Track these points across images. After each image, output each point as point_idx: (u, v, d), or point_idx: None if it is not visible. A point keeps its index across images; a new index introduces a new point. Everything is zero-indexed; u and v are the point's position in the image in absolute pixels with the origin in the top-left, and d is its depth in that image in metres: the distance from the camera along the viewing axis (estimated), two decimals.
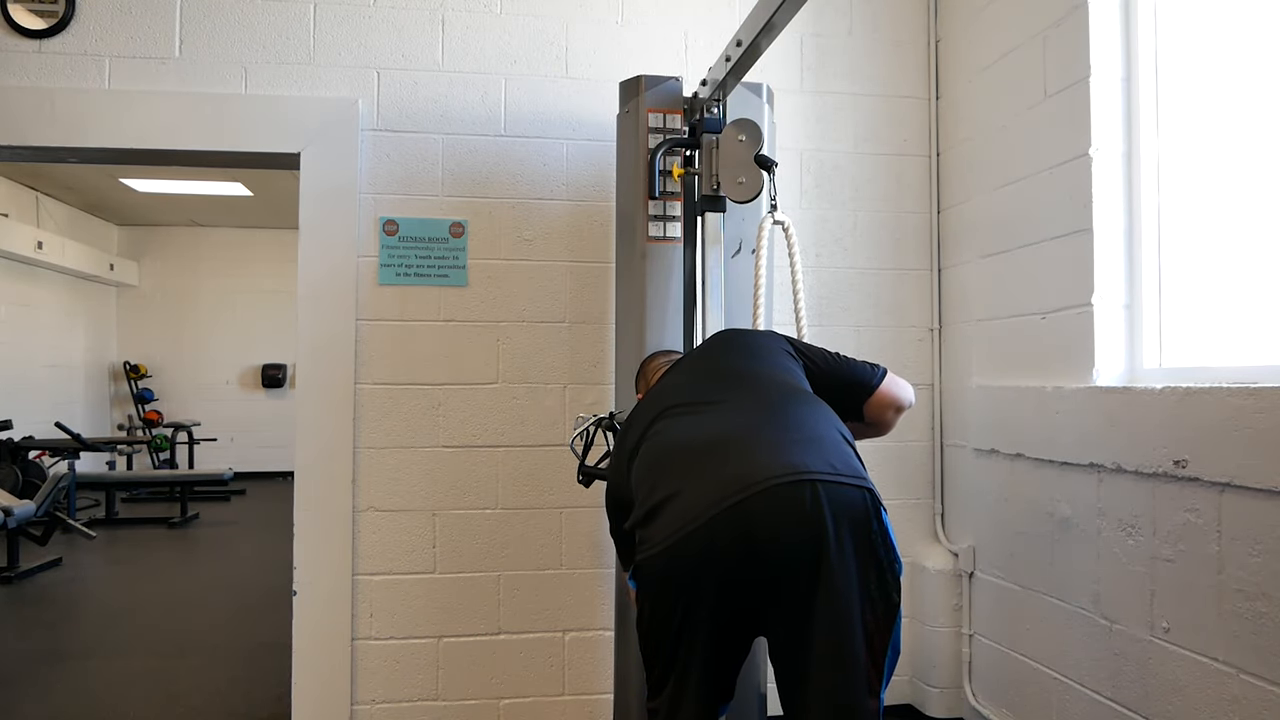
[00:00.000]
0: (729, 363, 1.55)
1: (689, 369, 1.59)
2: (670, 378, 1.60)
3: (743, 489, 1.19)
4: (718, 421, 1.37)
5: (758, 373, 1.50)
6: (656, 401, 1.52)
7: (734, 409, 1.39)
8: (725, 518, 1.19)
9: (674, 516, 1.24)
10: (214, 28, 2.40)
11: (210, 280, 9.49)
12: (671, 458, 1.35)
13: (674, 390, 1.53)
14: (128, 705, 3.08)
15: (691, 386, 1.51)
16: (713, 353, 1.62)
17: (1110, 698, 1.88)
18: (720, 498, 1.20)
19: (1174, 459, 1.67)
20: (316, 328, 2.42)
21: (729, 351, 1.59)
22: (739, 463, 1.24)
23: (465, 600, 2.46)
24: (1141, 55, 1.98)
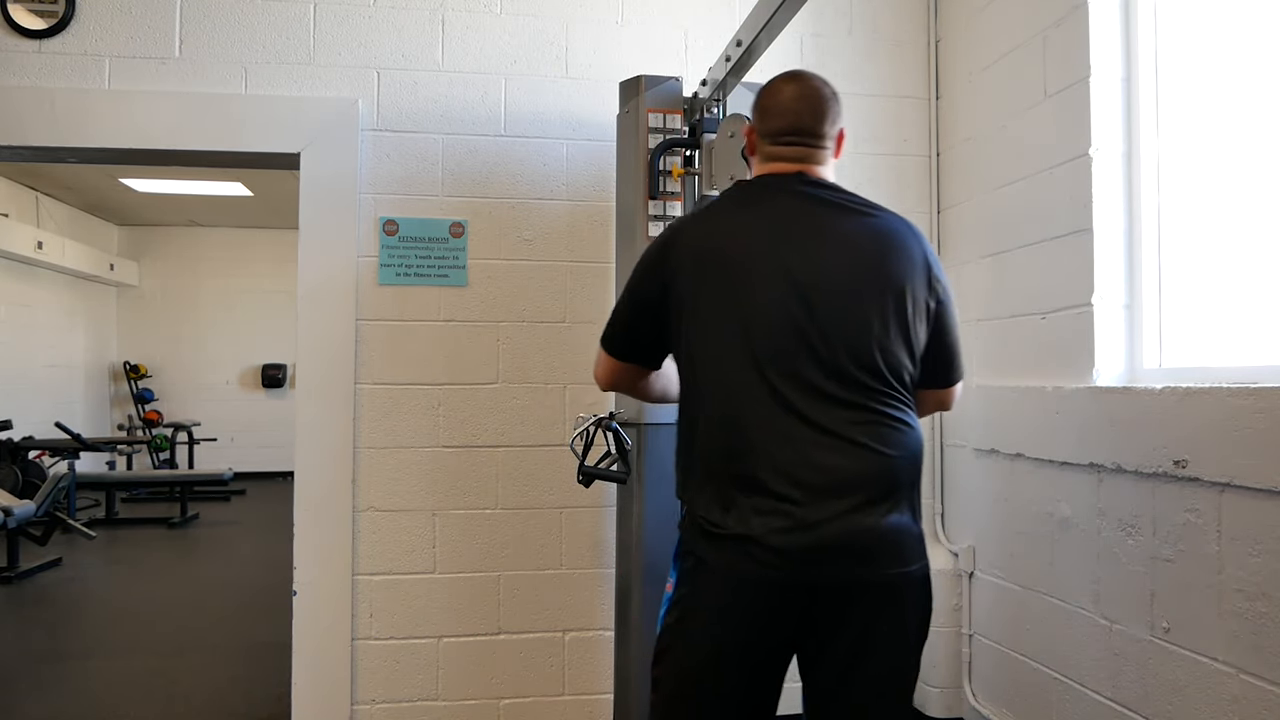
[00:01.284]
0: (857, 298, 1.34)
1: (810, 257, 1.36)
2: (785, 236, 1.38)
3: (830, 557, 1.27)
4: (814, 399, 1.29)
5: (870, 332, 1.33)
6: (760, 242, 1.37)
7: (828, 385, 1.30)
8: (823, 575, 1.28)
9: (787, 523, 1.26)
10: (214, 28, 2.40)
11: (210, 280, 9.49)
12: (768, 414, 1.30)
13: (784, 270, 1.34)
14: (128, 705, 3.08)
15: (797, 301, 1.33)
16: (845, 252, 1.37)
17: (1110, 698, 1.88)
18: (816, 547, 1.26)
19: (1174, 459, 1.67)
20: (316, 328, 2.42)
21: (865, 266, 1.37)
22: (834, 506, 1.27)
23: (465, 600, 2.47)
24: (1141, 55, 1.98)
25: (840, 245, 1.38)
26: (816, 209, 1.41)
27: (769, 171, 1.48)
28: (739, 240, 1.39)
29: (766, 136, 1.49)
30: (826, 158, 1.48)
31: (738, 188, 1.51)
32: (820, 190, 1.44)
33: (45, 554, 5.49)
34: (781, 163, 1.47)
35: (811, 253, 1.36)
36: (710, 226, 1.44)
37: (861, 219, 1.41)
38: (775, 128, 1.47)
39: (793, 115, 1.46)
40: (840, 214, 1.41)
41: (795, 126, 1.46)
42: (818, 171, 1.46)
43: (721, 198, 1.51)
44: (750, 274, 1.36)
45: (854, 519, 1.27)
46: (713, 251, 1.40)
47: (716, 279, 1.38)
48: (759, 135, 1.50)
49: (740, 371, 1.32)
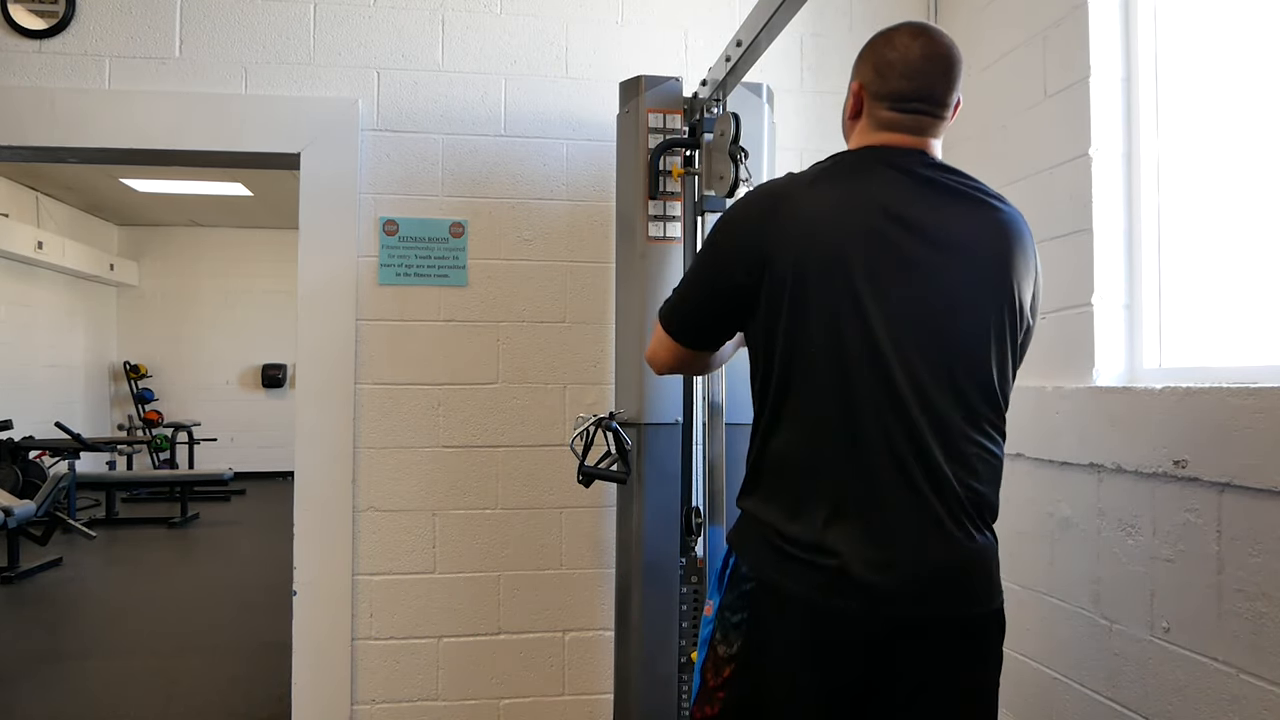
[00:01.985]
0: (959, 310, 1.21)
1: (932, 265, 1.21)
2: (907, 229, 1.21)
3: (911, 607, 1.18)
4: (909, 423, 1.17)
5: (965, 353, 1.21)
6: (880, 228, 1.20)
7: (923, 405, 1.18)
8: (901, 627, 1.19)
9: (882, 559, 1.16)
10: (214, 28, 2.40)
11: (210, 280, 9.50)
12: (877, 443, 1.17)
13: (898, 272, 1.19)
14: (128, 705, 3.08)
15: (907, 304, 1.19)
16: (972, 254, 1.23)
17: (1110, 697, 1.88)
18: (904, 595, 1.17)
19: (1174, 459, 1.67)
20: (316, 328, 2.42)
21: (991, 270, 1.23)
22: (918, 554, 1.18)
23: (465, 600, 2.47)
24: (1141, 55, 1.98)
25: (967, 245, 1.23)
26: (943, 197, 1.24)
27: (884, 144, 1.28)
28: (855, 223, 1.20)
29: (884, 99, 1.28)
30: (943, 130, 1.31)
31: (853, 158, 1.29)
32: (946, 176, 1.26)
33: (45, 554, 5.50)
34: (900, 134, 1.28)
35: (938, 251, 1.21)
36: (821, 201, 1.23)
37: (988, 213, 1.26)
38: (898, 90, 1.27)
39: (922, 78, 1.26)
40: (968, 206, 1.25)
41: (923, 91, 1.26)
42: (936, 148, 1.30)
43: (831, 167, 1.29)
44: (868, 265, 1.18)
45: (941, 547, 1.18)
46: (825, 233, 1.20)
47: (828, 265, 1.19)
48: (871, 96, 1.29)
49: (847, 375, 1.18)
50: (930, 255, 1.20)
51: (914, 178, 1.24)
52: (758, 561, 1.22)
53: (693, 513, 2.07)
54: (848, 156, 1.30)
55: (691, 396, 2.11)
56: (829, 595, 1.16)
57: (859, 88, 1.32)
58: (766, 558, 1.21)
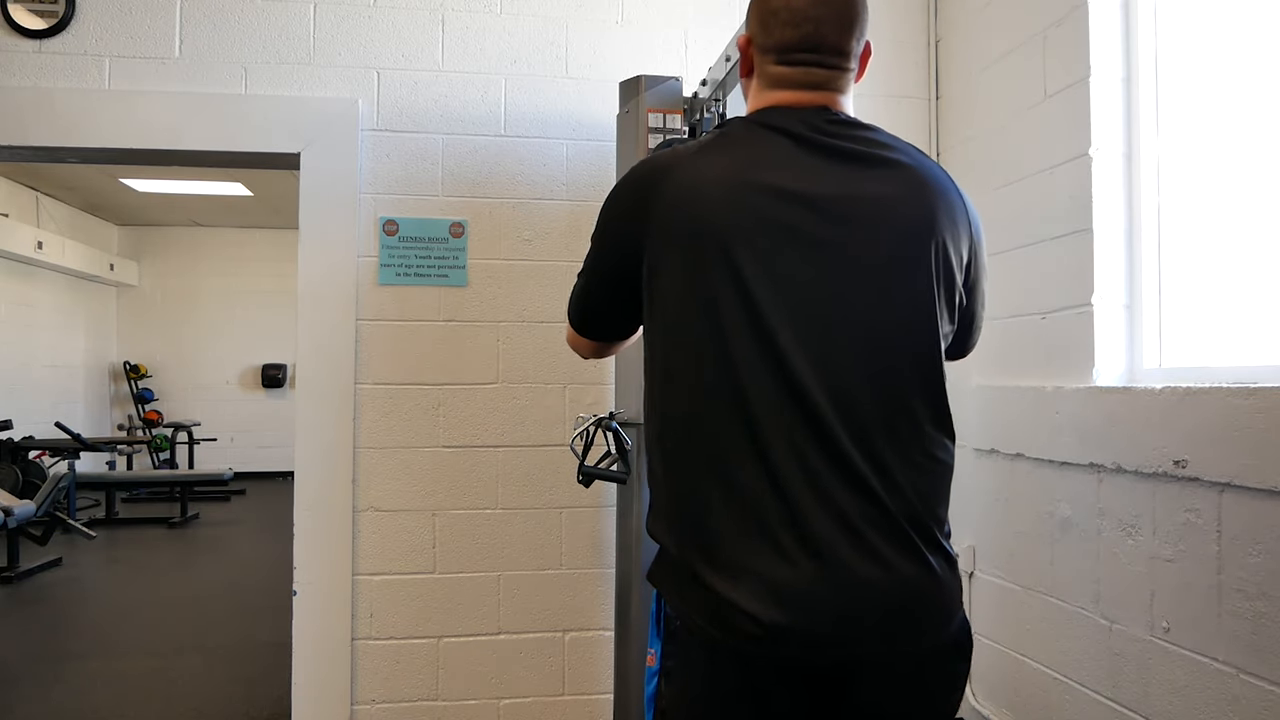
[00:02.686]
0: (856, 265, 1.04)
1: (810, 209, 1.05)
2: (785, 174, 1.06)
3: (842, 637, 1.00)
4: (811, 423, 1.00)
5: (881, 322, 1.05)
6: (754, 179, 1.05)
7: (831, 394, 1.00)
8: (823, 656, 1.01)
9: (794, 593, 0.98)
10: (214, 28, 2.40)
11: (210, 280, 9.50)
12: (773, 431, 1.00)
13: (780, 224, 1.03)
14: (128, 705, 3.08)
15: (803, 256, 1.03)
16: (889, 222, 1.07)
17: (1110, 697, 1.88)
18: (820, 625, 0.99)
19: (1174, 459, 1.67)
20: (316, 328, 2.42)
21: (912, 239, 1.06)
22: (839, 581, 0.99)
23: (465, 600, 2.46)
24: (1141, 55, 1.98)
25: (879, 215, 1.06)
26: (847, 163, 1.07)
27: (777, 104, 1.11)
28: (742, 201, 1.04)
29: (771, 52, 1.12)
30: (850, 82, 1.13)
31: (742, 125, 1.12)
32: (849, 136, 1.09)
33: (45, 554, 5.50)
34: (794, 90, 1.11)
35: (843, 226, 1.05)
36: (705, 176, 1.06)
37: (902, 173, 1.09)
38: (784, 40, 1.10)
39: (810, 24, 1.09)
40: (878, 169, 1.08)
41: (813, 40, 1.09)
42: (841, 103, 1.12)
43: (718, 137, 1.12)
44: (759, 250, 1.03)
45: (878, 571, 1.00)
46: (708, 214, 1.04)
47: (711, 252, 1.03)
48: (759, 50, 1.14)
49: (739, 380, 1.02)
50: (834, 232, 1.04)
51: (810, 144, 1.07)
52: (678, 599, 1.06)
53: None
54: (735, 124, 1.14)
55: None
56: (732, 636, 0.99)
57: (746, 42, 1.16)
58: (686, 594, 1.04)
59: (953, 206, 1.11)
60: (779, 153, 1.07)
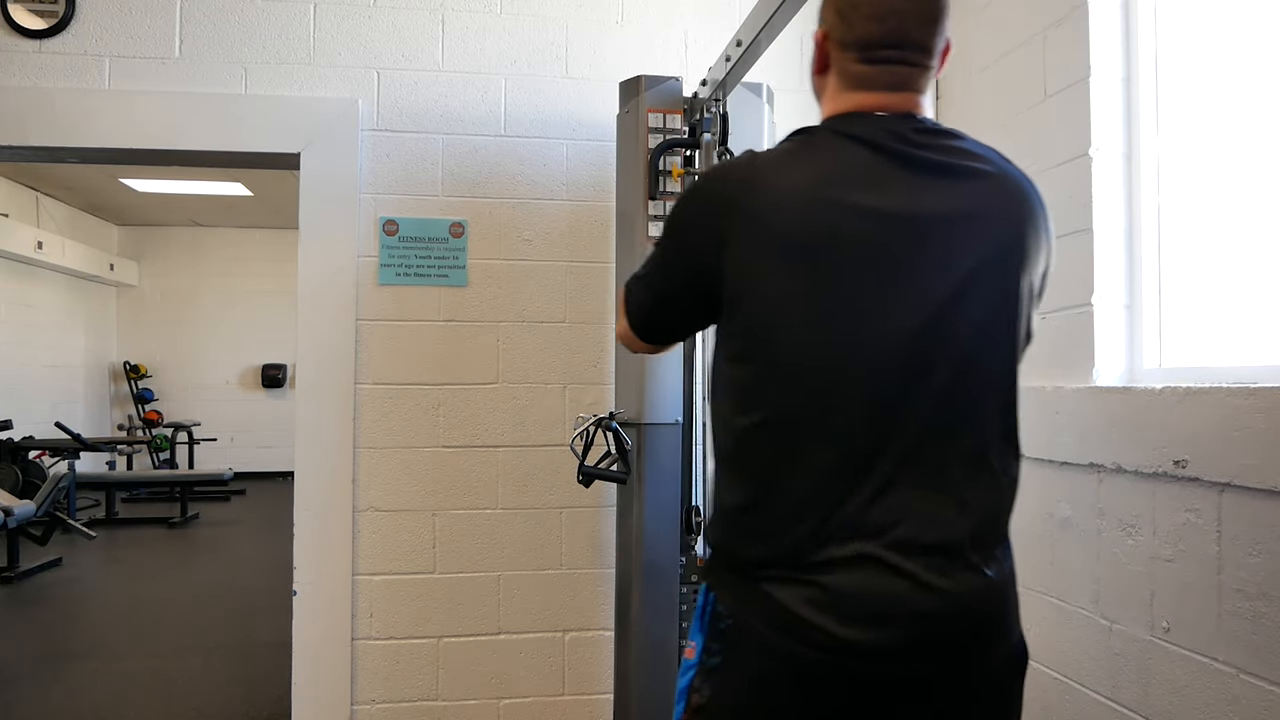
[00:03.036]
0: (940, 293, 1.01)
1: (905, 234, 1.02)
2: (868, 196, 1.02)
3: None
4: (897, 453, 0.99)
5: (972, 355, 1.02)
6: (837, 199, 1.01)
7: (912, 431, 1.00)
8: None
9: (872, 605, 0.98)
10: (214, 28, 2.40)
11: (210, 280, 9.50)
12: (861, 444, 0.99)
13: (866, 247, 1.01)
14: (128, 705, 3.09)
15: (889, 280, 1.01)
16: (981, 240, 1.04)
17: (1110, 698, 1.88)
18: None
19: (1174, 459, 1.67)
20: (316, 328, 2.42)
21: (1001, 258, 1.05)
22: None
23: (465, 600, 2.47)
24: (1141, 55, 1.98)
25: (967, 233, 1.03)
26: (935, 176, 1.03)
27: (860, 108, 1.07)
28: (828, 217, 1.00)
29: (852, 48, 1.06)
30: (931, 81, 1.08)
31: (826, 135, 1.07)
32: (937, 145, 1.05)
33: (45, 554, 5.50)
34: (877, 92, 1.06)
35: (932, 245, 1.02)
36: (785, 191, 1.02)
37: (992, 186, 1.07)
38: (867, 35, 1.05)
39: (894, 19, 1.04)
40: (966, 182, 1.05)
41: (898, 35, 1.04)
42: (923, 105, 1.08)
43: (801, 146, 1.08)
44: (848, 269, 1.00)
45: (948, 584, 0.99)
46: (793, 231, 1.01)
47: (796, 270, 1.00)
48: (837, 46, 1.08)
49: (816, 390, 1.01)
50: (920, 251, 1.01)
51: (896, 157, 1.03)
52: (733, 600, 1.04)
53: (693, 512, 2.07)
54: (818, 133, 1.08)
55: (691, 396, 2.11)
56: (796, 644, 0.98)
57: (822, 36, 1.10)
58: (742, 596, 1.03)
59: (1037, 221, 1.10)
60: (864, 166, 1.03)
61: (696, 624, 1.11)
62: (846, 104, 1.08)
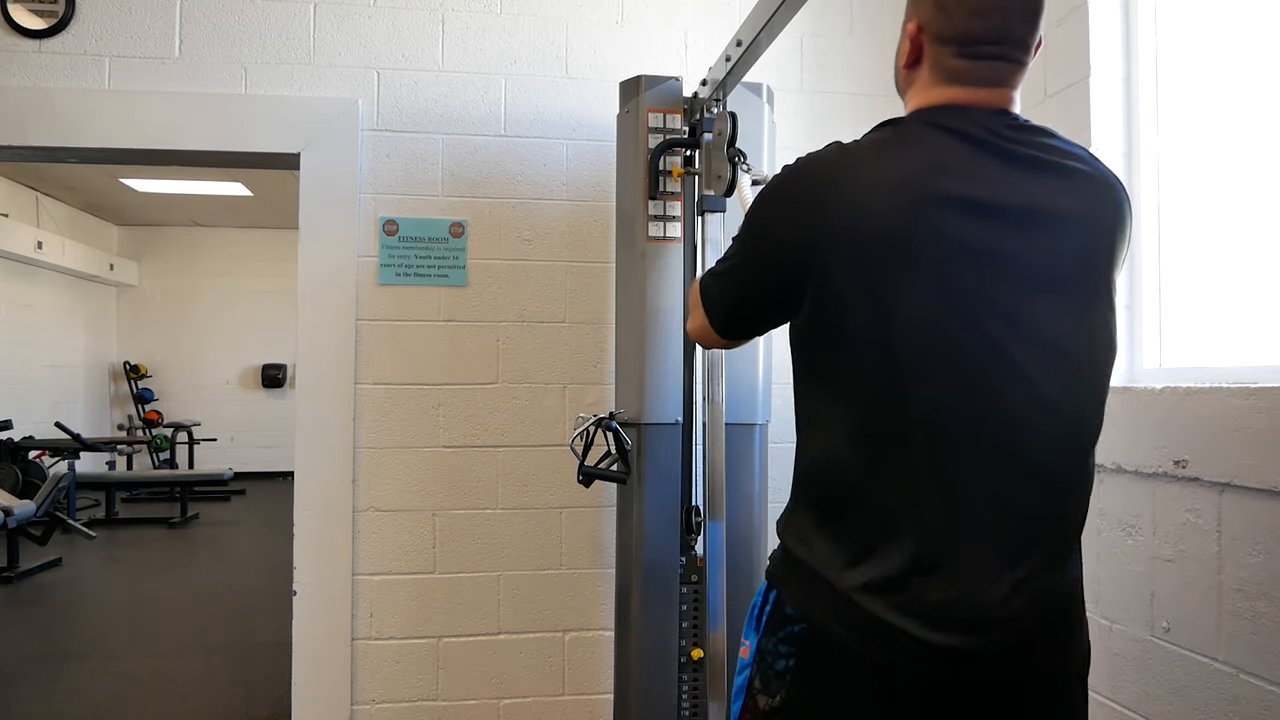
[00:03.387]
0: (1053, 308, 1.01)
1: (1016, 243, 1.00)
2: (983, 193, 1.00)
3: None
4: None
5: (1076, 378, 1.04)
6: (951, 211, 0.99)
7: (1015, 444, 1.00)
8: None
9: (960, 605, 0.97)
10: (214, 28, 2.40)
11: (210, 280, 9.50)
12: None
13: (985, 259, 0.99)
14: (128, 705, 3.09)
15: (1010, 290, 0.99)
16: (1070, 240, 1.03)
17: (1110, 698, 1.88)
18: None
19: (1174, 459, 1.67)
20: (316, 328, 2.42)
21: (1090, 259, 1.05)
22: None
23: (465, 600, 2.47)
24: (1141, 55, 1.98)
25: (1064, 232, 1.02)
26: (1032, 172, 1.02)
27: (951, 102, 1.04)
28: (923, 214, 0.98)
29: (951, 43, 1.04)
30: (1023, 77, 1.07)
31: (918, 125, 1.05)
32: (1033, 142, 1.04)
33: (45, 554, 5.50)
34: (972, 87, 1.04)
35: (1030, 242, 1.00)
36: (877, 185, 1.01)
37: (1085, 184, 1.05)
38: (969, 30, 1.02)
39: (999, 14, 1.02)
40: (1063, 180, 1.03)
41: (1001, 31, 1.02)
42: (1016, 101, 1.06)
43: (893, 136, 1.05)
44: (942, 265, 0.98)
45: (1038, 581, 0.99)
46: (885, 227, 0.99)
47: (889, 263, 0.98)
48: (933, 39, 1.05)
49: (908, 389, 0.99)
50: (1016, 244, 0.99)
51: (991, 150, 1.01)
52: (808, 603, 1.03)
53: (693, 512, 2.07)
54: (909, 123, 1.06)
55: (691, 396, 2.11)
56: (878, 648, 0.98)
57: (916, 29, 1.07)
58: (819, 599, 1.02)
59: (1125, 222, 1.09)
60: (959, 158, 1.01)
61: (750, 624, 1.10)
62: (938, 97, 1.06)
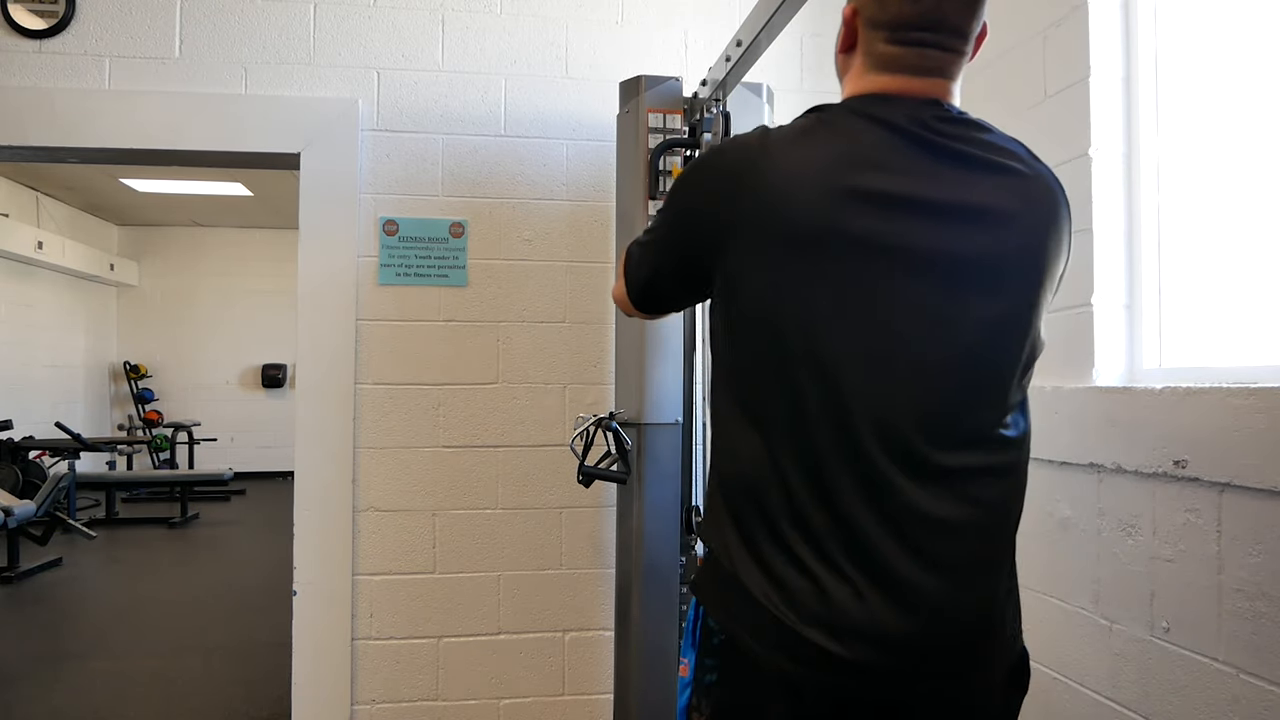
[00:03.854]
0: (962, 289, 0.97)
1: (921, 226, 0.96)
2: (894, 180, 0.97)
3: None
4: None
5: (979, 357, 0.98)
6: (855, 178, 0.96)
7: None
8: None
9: (863, 619, 0.94)
10: (214, 28, 2.40)
11: (210, 280, 9.50)
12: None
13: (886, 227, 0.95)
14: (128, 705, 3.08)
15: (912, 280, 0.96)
16: (997, 244, 0.99)
17: (1110, 698, 1.88)
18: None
19: (1174, 459, 1.67)
20: (316, 328, 2.42)
21: (1019, 265, 1.01)
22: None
23: (465, 600, 2.47)
24: (1141, 55, 1.98)
25: (990, 232, 0.98)
26: (960, 167, 0.99)
27: (883, 90, 1.01)
28: (840, 205, 0.95)
29: (882, 28, 1.01)
30: (962, 68, 1.04)
31: (844, 114, 1.02)
32: (963, 136, 1.00)
33: (45, 554, 5.50)
34: (904, 75, 1.01)
35: (951, 241, 0.97)
36: (797, 172, 0.97)
37: (1018, 184, 1.01)
38: (900, 15, 1.00)
39: (932, 0, 1.00)
40: (992, 177, 1.00)
41: (934, 17, 1.00)
42: (952, 92, 1.03)
43: (814, 125, 1.02)
44: (854, 262, 0.95)
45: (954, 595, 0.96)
46: (800, 215, 0.95)
47: (801, 257, 0.95)
48: (867, 24, 1.03)
49: (810, 384, 0.96)
50: (939, 244, 0.96)
51: (919, 143, 0.97)
52: (723, 613, 1.00)
53: (693, 512, 2.07)
54: (835, 112, 1.02)
55: (691, 396, 2.11)
56: (787, 662, 0.95)
57: (851, 13, 1.04)
58: (733, 608, 0.99)
59: (1060, 226, 1.05)
60: (884, 150, 0.97)
61: (688, 639, 1.07)
62: (869, 85, 1.03)
